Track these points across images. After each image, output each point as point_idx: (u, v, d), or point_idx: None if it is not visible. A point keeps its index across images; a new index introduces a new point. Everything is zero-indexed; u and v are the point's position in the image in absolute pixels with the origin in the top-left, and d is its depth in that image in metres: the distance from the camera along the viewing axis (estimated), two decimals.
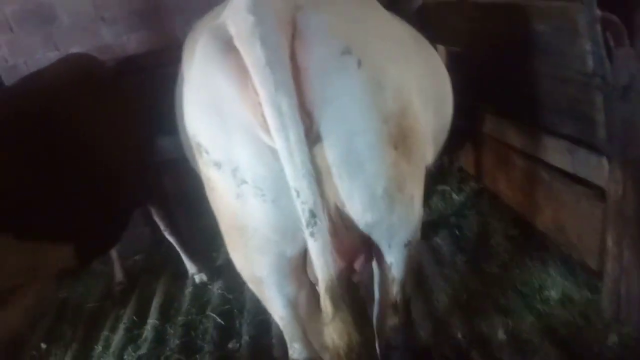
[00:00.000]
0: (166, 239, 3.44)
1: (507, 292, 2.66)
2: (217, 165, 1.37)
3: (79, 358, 3.01)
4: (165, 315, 3.18)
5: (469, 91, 3.05)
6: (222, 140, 1.34)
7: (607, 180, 2.10)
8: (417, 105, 1.53)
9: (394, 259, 1.62)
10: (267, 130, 1.25)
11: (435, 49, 3.39)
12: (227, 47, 1.27)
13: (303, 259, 1.53)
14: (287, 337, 1.71)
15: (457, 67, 3.13)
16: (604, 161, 2.12)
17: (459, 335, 2.45)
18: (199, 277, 3.41)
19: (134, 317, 3.23)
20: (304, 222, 1.31)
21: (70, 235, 2.24)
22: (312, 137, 1.29)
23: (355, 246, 1.58)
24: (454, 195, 3.59)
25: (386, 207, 1.46)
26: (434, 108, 1.74)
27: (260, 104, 1.23)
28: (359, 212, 1.44)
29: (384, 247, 1.58)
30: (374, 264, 1.75)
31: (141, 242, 3.95)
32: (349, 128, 1.33)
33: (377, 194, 1.42)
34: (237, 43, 1.25)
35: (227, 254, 3.46)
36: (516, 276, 2.76)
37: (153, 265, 3.78)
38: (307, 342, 1.69)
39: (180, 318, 3.11)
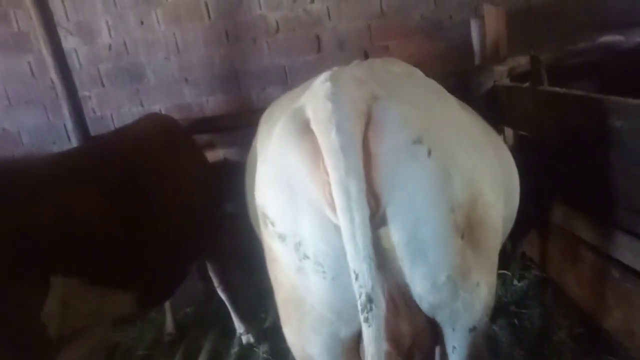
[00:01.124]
0: (218, 295, 3.49)
1: None
2: (281, 237, 1.40)
3: None
4: None
5: (538, 177, 2.99)
6: (289, 214, 1.38)
7: None
8: (489, 195, 1.52)
9: (457, 344, 1.57)
10: (334, 209, 1.28)
11: (504, 131, 3.40)
12: (305, 129, 1.34)
13: (357, 341, 1.50)
14: None
15: (526, 152, 3.10)
16: None
17: None
18: (246, 338, 3.40)
19: None
20: (359, 306, 1.30)
21: (135, 283, 2.33)
22: (377, 220, 1.31)
23: (416, 330, 1.53)
24: (515, 282, 3.44)
25: (449, 294, 1.44)
26: (504, 198, 1.72)
27: (329, 184, 1.27)
28: (421, 295, 1.42)
29: (447, 330, 1.55)
30: (437, 350, 1.70)
31: (194, 295, 4.02)
32: (415, 215, 1.33)
33: (439, 281, 1.41)
34: (314, 127, 1.32)
35: (275, 316, 3.53)
36: None
37: (203, 319, 3.82)
38: None
39: None
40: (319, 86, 1.35)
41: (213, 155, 3.98)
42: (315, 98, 1.35)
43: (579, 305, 2.91)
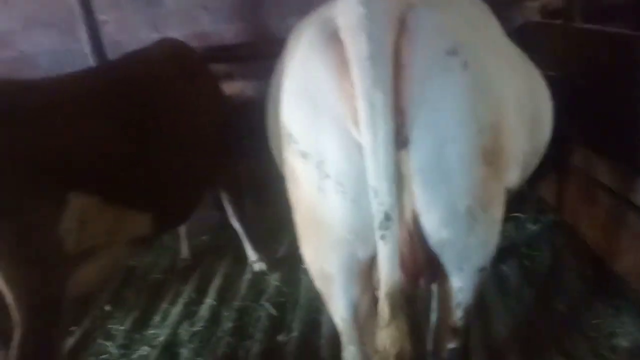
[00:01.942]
0: (231, 224, 3.55)
1: (573, 335, 2.52)
2: (304, 155, 1.38)
3: (138, 324, 3.16)
4: (223, 297, 3.28)
5: (561, 118, 2.91)
6: (312, 131, 1.35)
7: None
8: (513, 122, 1.46)
9: (464, 284, 1.55)
10: (358, 125, 1.25)
11: None
12: (332, 38, 1.30)
13: (372, 263, 1.51)
14: (344, 339, 1.69)
15: (551, 92, 2.99)
16: None
17: None
18: (258, 266, 3.48)
19: (193, 294, 3.36)
20: (377, 223, 1.29)
21: (150, 205, 2.37)
22: (400, 140, 1.27)
23: (419, 264, 1.53)
24: (529, 225, 3.43)
25: (466, 226, 1.40)
26: (529, 129, 1.65)
27: (355, 97, 1.23)
28: (435, 226, 1.39)
29: (454, 270, 1.52)
30: (436, 285, 1.72)
31: (209, 224, 4.10)
32: (442, 134, 1.28)
33: (459, 210, 1.37)
34: (343, 34, 1.26)
35: (287, 247, 3.59)
36: (585, 319, 2.60)
37: (217, 247, 3.90)
38: (362, 347, 1.67)
39: (236, 302, 3.20)
40: None
41: (231, 87, 3.93)
42: (346, 5, 1.29)
43: (591, 248, 2.91)
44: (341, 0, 1.35)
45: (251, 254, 3.51)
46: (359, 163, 1.28)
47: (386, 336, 1.39)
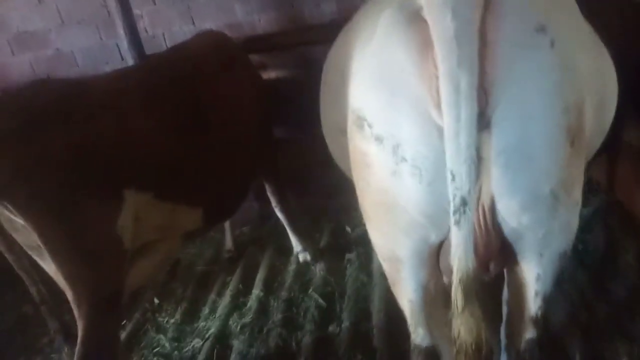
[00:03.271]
0: (274, 215, 3.55)
1: (635, 317, 2.45)
2: (379, 139, 1.34)
3: (187, 317, 3.20)
4: (269, 288, 3.30)
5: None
6: (389, 114, 1.31)
7: None
8: (591, 102, 1.40)
9: (543, 271, 1.49)
10: (438, 107, 1.21)
11: None
12: (414, 17, 1.25)
13: (439, 247, 1.48)
14: (412, 322, 1.67)
15: None
16: None
17: (577, 358, 2.28)
18: (303, 256, 3.48)
19: (240, 286, 3.38)
20: (452, 207, 1.25)
21: (201, 200, 2.40)
22: (482, 121, 1.22)
23: (492, 251, 1.49)
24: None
25: (549, 210, 1.35)
26: (597, 110, 1.58)
27: (437, 78, 1.19)
28: (515, 211, 1.34)
29: (533, 256, 1.47)
30: (506, 273, 1.67)
31: (250, 215, 4.11)
32: (527, 113, 1.23)
33: (542, 193, 1.31)
34: (427, 12, 1.21)
35: (329, 236, 3.58)
36: None
37: (259, 238, 3.92)
38: (431, 329, 1.66)
39: (283, 293, 3.21)
40: None
41: (265, 77, 3.90)
42: None
43: None
44: None
45: (296, 244, 3.51)
46: (437, 146, 1.25)
47: (460, 324, 1.35)
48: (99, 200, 1.95)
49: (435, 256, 1.51)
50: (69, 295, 1.93)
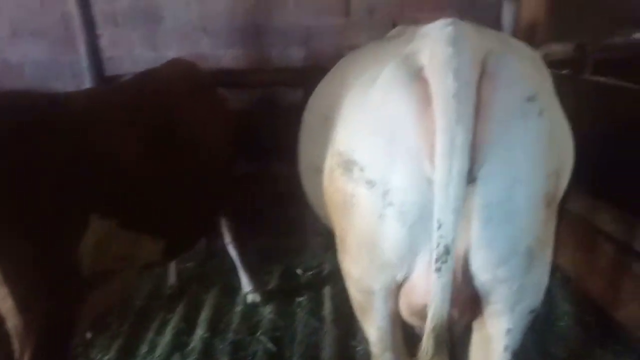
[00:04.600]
0: (221, 252, 3.44)
1: None
2: (370, 183, 1.41)
3: (123, 354, 2.98)
4: (215, 328, 3.15)
5: None
6: (384, 161, 1.38)
7: None
8: (563, 170, 1.53)
9: (514, 325, 1.55)
10: (432, 160, 1.28)
11: None
12: (415, 74, 1.34)
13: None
14: (380, 347, 1.73)
15: None
16: None
17: None
18: (252, 297, 3.37)
19: (182, 324, 3.20)
20: (435, 255, 1.30)
21: (164, 231, 2.29)
22: (470, 176, 1.29)
23: (462, 300, 1.52)
24: None
25: (523, 266, 1.43)
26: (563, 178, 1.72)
27: (434, 133, 1.26)
28: (492, 264, 1.41)
29: (505, 310, 1.52)
30: (476, 327, 1.71)
31: (194, 251, 3.95)
32: (513, 174, 1.32)
33: (518, 250, 1.40)
34: (429, 71, 1.31)
35: (280, 278, 3.51)
36: None
37: (204, 275, 3.76)
38: (397, 354, 1.73)
39: (229, 335, 3.07)
40: (440, 30, 1.34)
41: None
42: (433, 42, 1.33)
43: (589, 294, 2.98)
44: (427, 37, 1.39)
45: (245, 284, 3.40)
46: (424, 195, 1.34)
47: None
48: (61, 223, 1.81)
49: (397, 291, 1.59)
50: (16, 323, 1.74)
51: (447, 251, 1.29)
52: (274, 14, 3.88)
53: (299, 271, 3.70)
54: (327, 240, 3.64)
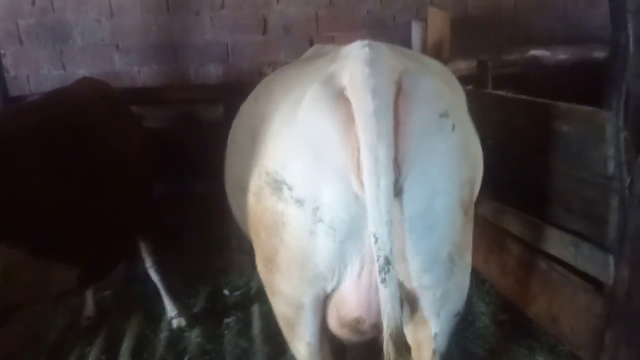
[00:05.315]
0: (140, 278, 3.30)
1: None
2: (299, 202, 1.44)
3: None
4: (139, 358, 2.99)
5: None
6: (312, 179, 1.41)
7: (613, 278, 2.22)
8: (479, 178, 1.66)
9: (440, 330, 1.62)
10: (358, 176, 1.33)
11: None
12: (338, 95, 1.38)
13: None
14: None
15: None
16: (611, 259, 2.24)
17: None
18: (177, 322, 3.25)
19: (102, 357, 3.02)
20: (378, 267, 1.35)
21: (79, 257, 2.16)
22: (396, 190, 1.35)
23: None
24: None
25: (446, 272, 1.51)
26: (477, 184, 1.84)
27: (358, 150, 1.31)
28: (417, 272, 1.48)
29: (431, 315, 1.59)
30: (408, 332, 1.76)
31: (111, 278, 3.75)
32: (431, 186, 1.40)
33: (440, 257, 1.48)
34: (349, 91, 1.35)
35: (206, 300, 3.41)
36: None
37: (124, 303, 3.58)
38: None
39: None
40: (357, 51, 1.39)
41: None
42: (352, 62, 1.38)
43: (502, 294, 3.17)
44: (346, 58, 1.43)
45: (169, 309, 3.27)
46: (353, 210, 1.39)
47: None
48: None
49: (324, 303, 1.62)
50: None
51: (387, 262, 1.33)
52: (191, 30, 3.85)
53: (226, 291, 3.62)
54: (254, 259, 3.65)
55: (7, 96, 3.14)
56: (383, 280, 1.35)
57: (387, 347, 1.39)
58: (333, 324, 1.64)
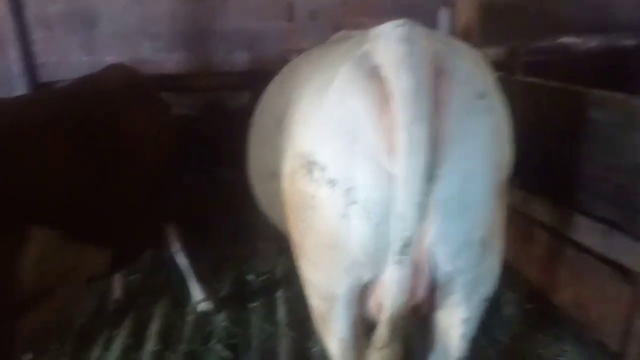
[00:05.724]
0: (167, 263, 3.35)
1: None
2: (331, 183, 1.41)
3: None
4: (166, 341, 3.05)
5: None
6: (345, 160, 1.39)
7: None
8: (511, 163, 1.62)
9: (471, 314, 1.61)
10: (392, 156, 1.31)
11: None
12: (372, 74, 1.36)
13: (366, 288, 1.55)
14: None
15: None
16: None
17: None
18: (204, 306, 3.29)
19: (129, 340, 3.08)
20: (397, 248, 1.34)
21: (109, 241, 2.22)
22: (430, 172, 1.32)
23: (422, 292, 1.56)
24: None
25: (478, 256, 1.49)
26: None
27: (393, 130, 1.30)
28: (449, 256, 1.45)
29: (462, 300, 1.58)
30: (434, 317, 1.77)
31: (140, 262, 3.83)
32: (468, 168, 1.38)
33: (473, 240, 1.45)
34: (386, 70, 1.33)
35: (231, 285, 3.45)
36: (529, 349, 2.80)
37: (150, 287, 3.64)
38: None
39: (182, 346, 2.99)
40: (392, 30, 1.38)
41: None
42: (387, 42, 1.37)
43: (529, 281, 3.15)
44: (378, 38, 1.42)
45: (196, 294, 3.31)
46: (387, 191, 1.35)
47: (380, 357, 1.47)
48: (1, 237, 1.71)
49: (364, 294, 1.57)
50: None
51: (408, 244, 1.33)
52: (217, 17, 3.86)
53: (250, 277, 3.66)
54: (278, 245, 3.69)
55: (37, 82, 3.19)
56: (400, 262, 1.35)
57: (383, 328, 1.40)
58: (373, 310, 1.59)
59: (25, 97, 2.33)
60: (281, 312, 3.23)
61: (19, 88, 3.21)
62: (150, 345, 3.01)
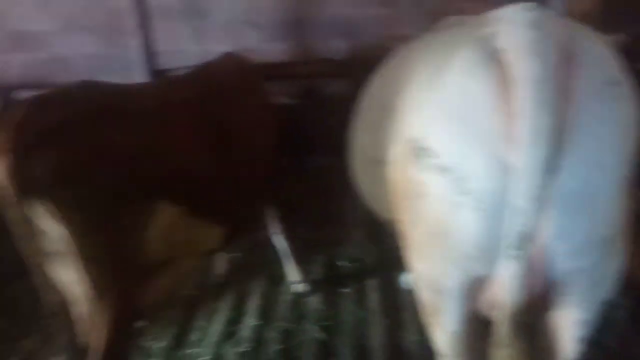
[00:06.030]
0: (265, 243, 3.49)
1: None
2: (443, 170, 1.37)
3: (175, 342, 3.05)
4: (264, 317, 3.20)
5: None
6: (459, 147, 1.34)
7: None
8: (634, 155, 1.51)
9: (590, 316, 1.52)
10: (511, 145, 1.25)
11: None
12: (492, 58, 1.31)
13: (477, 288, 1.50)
14: (452, 354, 1.65)
15: None
16: None
17: None
18: (299, 287, 3.41)
19: (231, 313, 3.27)
20: (514, 243, 1.29)
21: (225, 217, 2.37)
22: (553, 164, 1.26)
23: (536, 290, 1.50)
24: None
25: (603, 255, 1.39)
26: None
27: (514, 118, 1.24)
28: (571, 254, 1.37)
29: (581, 301, 1.49)
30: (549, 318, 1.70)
31: (240, 241, 4.01)
32: (596, 160, 1.29)
33: (598, 237, 1.36)
34: (510, 55, 1.28)
35: (322, 269, 3.53)
36: (638, 355, 2.65)
37: (250, 265, 3.82)
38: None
39: (278, 324, 3.12)
40: (517, 14, 1.32)
41: None
42: (512, 26, 1.31)
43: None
44: (503, 21, 1.36)
45: (293, 275, 3.44)
46: (502, 182, 1.29)
47: (507, 356, 1.40)
48: (134, 209, 1.88)
49: (476, 290, 1.52)
50: (91, 304, 1.82)
51: (526, 239, 1.28)
52: (318, 6, 3.92)
53: (340, 263, 3.73)
54: (369, 232, 3.72)
55: (154, 70, 3.43)
56: (516, 257, 1.30)
57: (503, 327, 1.35)
58: (486, 307, 1.54)
59: (151, 83, 2.53)
60: (373, 300, 3.26)
61: (136, 75, 3.46)
62: (250, 320, 3.17)
